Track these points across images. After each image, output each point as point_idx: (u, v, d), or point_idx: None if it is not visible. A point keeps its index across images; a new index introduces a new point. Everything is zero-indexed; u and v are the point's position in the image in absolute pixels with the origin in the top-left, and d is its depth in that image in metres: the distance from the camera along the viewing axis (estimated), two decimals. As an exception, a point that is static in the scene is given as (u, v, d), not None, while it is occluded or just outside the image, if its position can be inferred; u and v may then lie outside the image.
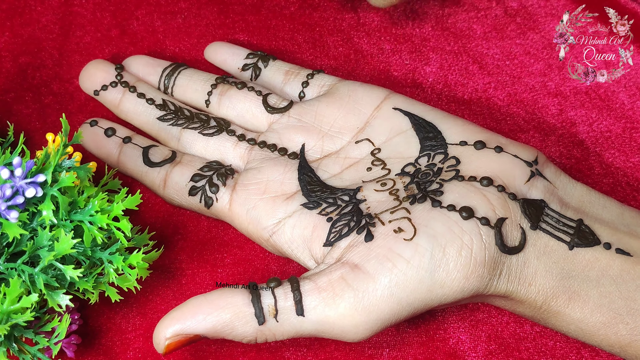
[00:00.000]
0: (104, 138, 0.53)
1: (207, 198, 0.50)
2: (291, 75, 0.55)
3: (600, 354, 0.49)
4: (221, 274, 0.51)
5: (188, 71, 0.56)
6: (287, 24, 0.60)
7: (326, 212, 0.48)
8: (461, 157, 0.49)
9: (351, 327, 0.44)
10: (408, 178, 0.49)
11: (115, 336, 0.50)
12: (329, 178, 0.50)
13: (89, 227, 0.43)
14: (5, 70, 0.58)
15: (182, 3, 0.60)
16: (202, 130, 0.53)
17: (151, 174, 0.51)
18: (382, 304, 0.43)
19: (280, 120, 0.53)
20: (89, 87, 0.56)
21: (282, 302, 0.44)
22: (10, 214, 0.41)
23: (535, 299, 0.45)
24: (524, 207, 0.46)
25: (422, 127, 0.51)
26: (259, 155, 0.51)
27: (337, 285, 0.44)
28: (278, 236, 0.48)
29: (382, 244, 0.45)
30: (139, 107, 0.54)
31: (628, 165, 0.54)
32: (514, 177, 0.47)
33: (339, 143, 0.52)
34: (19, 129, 0.55)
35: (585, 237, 0.46)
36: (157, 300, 0.51)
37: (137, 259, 0.45)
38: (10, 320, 0.41)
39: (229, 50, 0.57)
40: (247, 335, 0.44)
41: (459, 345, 0.49)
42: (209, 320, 0.43)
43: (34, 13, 0.60)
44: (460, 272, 0.44)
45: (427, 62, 0.58)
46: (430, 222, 0.45)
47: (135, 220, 0.52)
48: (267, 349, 0.49)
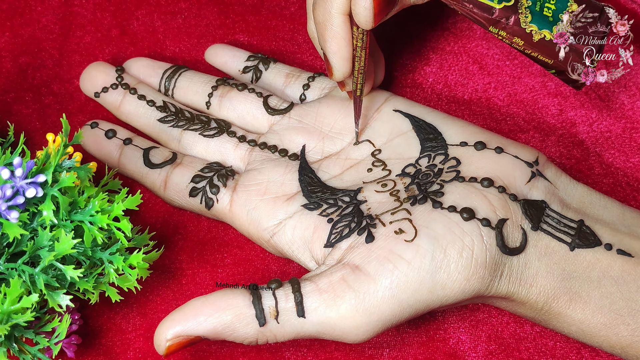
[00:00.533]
0: (104, 140, 0.53)
1: (207, 199, 0.50)
2: (292, 77, 0.55)
3: (600, 354, 0.49)
4: (221, 274, 0.51)
5: (189, 73, 0.56)
6: (287, 25, 0.60)
7: (327, 213, 0.48)
8: (462, 158, 0.49)
9: (352, 329, 0.44)
10: (409, 179, 0.49)
11: (115, 336, 0.50)
12: (330, 179, 0.50)
13: (90, 227, 0.43)
14: (5, 70, 0.58)
15: (182, 3, 0.60)
16: (202, 132, 0.53)
17: (152, 175, 0.51)
18: (383, 305, 0.43)
19: (281, 121, 0.53)
20: (89, 89, 0.56)
21: (283, 303, 0.44)
22: (10, 214, 0.41)
23: (536, 300, 0.45)
24: (524, 208, 0.46)
25: (423, 128, 0.51)
26: (260, 157, 0.51)
27: (338, 287, 0.44)
28: (279, 237, 0.48)
29: (383, 245, 0.45)
30: (139, 108, 0.54)
31: (628, 165, 0.54)
32: (514, 178, 0.47)
33: (339, 144, 0.52)
34: (19, 129, 0.55)
35: (586, 238, 0.46)
36: (157, 301, 0.51)
37: (138, 259, 0.45)
38: (10, 321, 0.41)
39: (229, 53, 0.57)
40: (248, 337, 0.44)
41: (459, 345, 0.49)
42: (210, 321, 0.43)
43: (34, 13, 0.60)
44: (461, 273, 0.44)
45: (427, 62, 0.58)
46: (431, 223, 0.45)
47: (136, 221, 0.52)
48: (268, 350, 0.49)
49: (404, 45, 0.59)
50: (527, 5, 0.45)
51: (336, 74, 0.48)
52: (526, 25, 0.45)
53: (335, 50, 0.47)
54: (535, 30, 0.44)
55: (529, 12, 0.45)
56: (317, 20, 0.47)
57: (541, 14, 0.45)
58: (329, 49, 0.47)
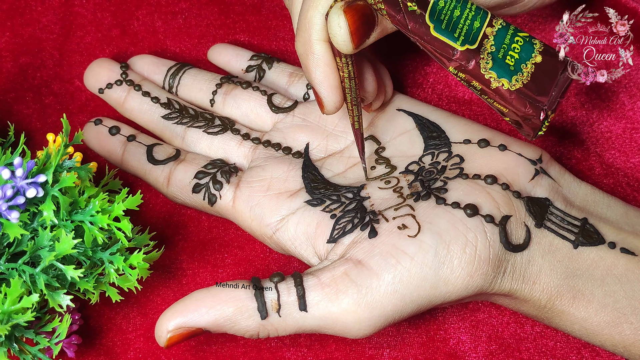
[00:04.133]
0: (108, 136, 0.53)
1: (210, 195, 0.50)
2: (295, 77, 0.55)
3: (600, 354, 0.49)
4: (222, 274, 0.51)
5: (193, 70, 0.56)
6: (288, 24, 0.60)
7: (330, 209, 0.48)
8: (465, 156, 0.49)
9: (354, 323, 0.44)
10: (412, 176, 0.49)
11: (115, 336, 0.50)
12: (333, 177, 0.50)
13: (90, 228, 0.43)
14: (5, 70, 0.58)
15: (182, 3, 0.60)
16: (206, 129, 0.53)
17: (155, 171, 0.51)
18: (385, 300, 0.43)
19: (285, 119, 0.53)
20: (93, 85, 0.56)
21: (285, 296, 0.44)
22: (11, 214, 0.41)
23: (539, 298, 0.45)
24: (528, 205, 0.46)
25: (426, 126, 0.51)
26: (263, 154, 0.51)
27: (341, 281, 0.44)
28: (281, 233, 0.48)
29: (386, 240, 0.45)
30: (143, 105, 0.54)
31: (628, 165, 0.54)
32: (518, 175, 0.47)
33: (343, 142, 0.52)
34: (20, 129, 0.55)
35: (590, 236, 0.46)
36: (157, 301, 0.51)
37: (138, 259, 0.45)
38: (11, 321, 0.41)
39: (232, 52, 0.57)
40: (250, 330, 0.44)
41: (459, 345, 0.49)
42: (212, 313, 0.43)
43: (34, 13, 0.60)
44: (464, 269, 0.44)
45: (427, 62, 0.58)
46: (434, 219, 0.45)
47: (136, 221, 0.52)
48: (268, 349, 0.49)
49: (404, 45, 0.59)
50: (490, 50, 0.44)
51: (327, 106, 0.46)
52: (485, 72, 0.44)
53: (322, 80, 0.45)
54: (494, 78, 0.43)
55: (490, 59, 0.43)
56: (299, 52, 0.46)
57: (503, 62, 0.43)
58: (315, 79, 0.46)
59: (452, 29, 0.43)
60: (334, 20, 0.43)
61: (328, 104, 0.47)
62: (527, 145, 0.49)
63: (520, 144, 0.49)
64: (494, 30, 0.44)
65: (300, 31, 0.45)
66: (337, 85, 0.46)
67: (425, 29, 0.44)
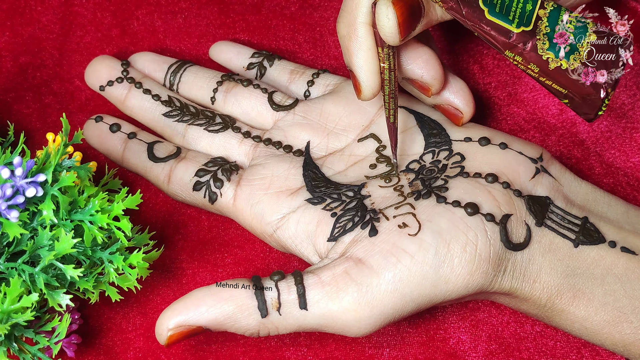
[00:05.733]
0: (108, 134, 0.53)
1: (211, 193, 0.50)
2: (296, 74, 0.55)
3: (600, 353, 0.49)
4: (222, 273, 0.51)
5: (194, 68, 0.56)
6: (288, 24, 0.60)
7: (330, 207, 0.48)
8: (466, 154, 0.49)
9: (354, 322, 0.44)
10: (413, 174, 0.49)
11: (115, 336, 0.50)
12: (334, 175, 0.50)
13: (89, 227, 0.43)
14: (5, 70, 0.58)
15: (182, 3, 0.60)
16: (207, 127, 0.53)
17: (155, 169, 0.51)
18: (385, 298, 0.43)
19: (286, 117, 0.53)
20: (94, 83, 0.56)
21: (285, 295, 0.44)
22: (10, 213, 0.41)
23: (539, 297, 0.45)
24: (529, 204, 0.46)
25: (427, 124, 0.51)
26: (264, 152, 0.51)
27: (341, 280, 0.44)
28: (282, 231, 0.48)
29: (387, 239, 0.45)
30: (144, 103, 0.54)
31: (628, 165, 0.54)
32: (519, 174, 0.47)
33: (344, 141, 0.52)
34: (20, 129, 0.55)
35: (591, 234, 0.46)
36: (157, 300, 0.51)
37: (138, 259, 0.45)
38: (10, 320, 0.41)
39: (233, 49, 0.57)
40: (250, 328, 0.44)
41: (459, 345, 0.49)
42: (212, 312, 0.43)
43: (34, 13, 0.60)
44: (464, 268, 0.44)
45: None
46: (435, 218, 0.45)
47: (136, 220, 0.52)
48: (268, 349, 0.49)
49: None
50: (545, 32, 0.44)
51: (365, 90, 0.46)
52: (543, 52, 0.44)
53: (362, 64, 0.46)
54: (552, 58, 0.44)
55: (546, 39, 0.44)
56: (341, 34, 0.46)
57: None
58: (356, 63, 0.46)
59: (506, 12, 0.44)
60: (382, 11, 0.43)
61: (366, 89, 0.46)
62: (527, 143, 0.49)
63: (521, 143, 0.49)
64: (546, 12, 0.44)
65: (344, 12, 0.45)
66: (377, 71, 0.46)
67: (479, 14, 0.44)
